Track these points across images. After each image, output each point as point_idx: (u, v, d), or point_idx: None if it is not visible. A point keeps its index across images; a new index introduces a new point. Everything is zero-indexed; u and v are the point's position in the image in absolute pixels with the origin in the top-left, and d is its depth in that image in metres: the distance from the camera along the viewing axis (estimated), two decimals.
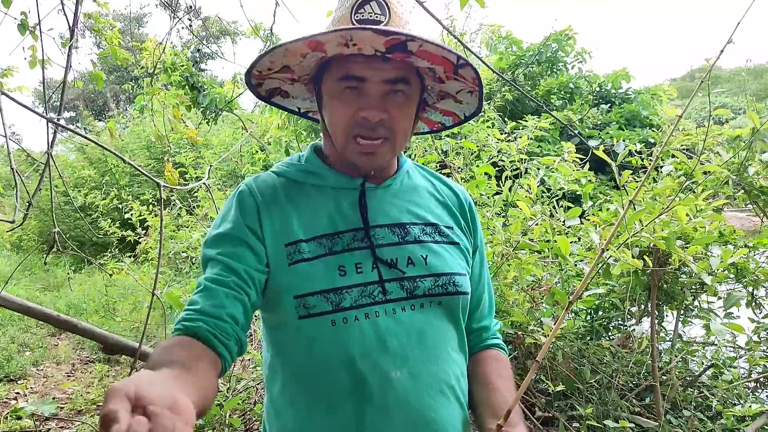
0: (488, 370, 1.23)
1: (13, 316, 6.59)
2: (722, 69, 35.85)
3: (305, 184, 1.16)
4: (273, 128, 6.56)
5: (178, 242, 5.03)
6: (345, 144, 1.08)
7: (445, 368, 1.11)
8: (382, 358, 1.05)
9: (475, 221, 1.29)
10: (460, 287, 1.14)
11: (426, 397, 1.07)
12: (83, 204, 9.56)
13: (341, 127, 1.08)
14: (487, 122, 3.73)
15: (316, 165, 1.18)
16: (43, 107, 2.64)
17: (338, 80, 1.06)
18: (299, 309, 1.04)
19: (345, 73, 1.05)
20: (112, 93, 27.16)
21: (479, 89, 1.14)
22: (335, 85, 1.07)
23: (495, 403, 1.14)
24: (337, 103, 1.08)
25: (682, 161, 2.41)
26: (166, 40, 4.08)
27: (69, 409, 4.17)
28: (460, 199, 1.28)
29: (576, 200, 3.83)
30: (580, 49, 8.16)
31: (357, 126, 1.06)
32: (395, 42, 0.99)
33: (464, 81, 1.14)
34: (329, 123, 1.11)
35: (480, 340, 1.29)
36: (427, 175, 1.31)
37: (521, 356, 2.78)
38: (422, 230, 1.16)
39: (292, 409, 1.10)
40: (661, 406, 2.53)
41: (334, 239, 1.09)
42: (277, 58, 1.11)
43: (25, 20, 2.83)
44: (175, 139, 7.26)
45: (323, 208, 1.13)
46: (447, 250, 1.17)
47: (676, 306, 2.74)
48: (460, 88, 1.17)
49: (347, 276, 1.06)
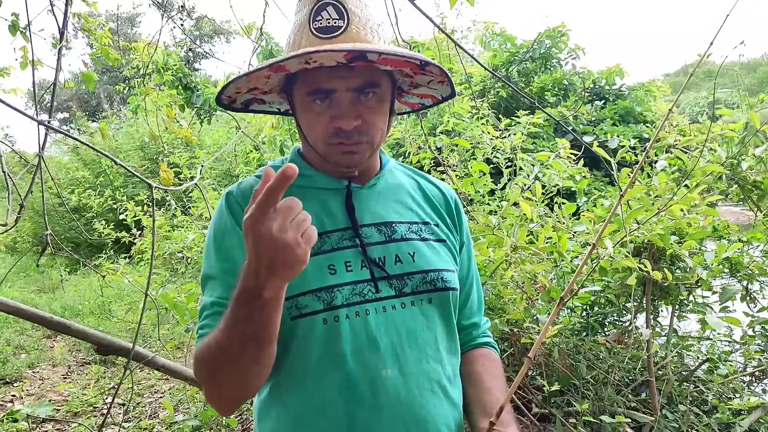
0: (480, 369, 1.23)
1: (8, 318, 6.57)
2: (716, 64, 35.92)
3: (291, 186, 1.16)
4: (267, 127, 6.55)
5: (174, 243, 5.03)
6: (325, 150, 1.10)
7: (435, 366, 1.11)
8: (372, 357, 1.04)
9: (461, 217, 1.29)
10: (448, 283, 1.15)
11: (417, 396, 1.07)
12: (78, 205, 9.53)
13: (319, 138, 1.09)
14: (482, 119, 3.73)
15: (302, 167, 1.17)
16: (37, 109, 2.63)
17: (306, 95, 1.07)
18: (291, 310, 1.04)
19: (314, 87, 1.05)
20: (105, 94, 27.07)
21: (448, 79, 1.14)
22: (304, 99, 1.07)
23: (487, 402, 1.14)
24: (310, 116, 1.08)
25: (676, 156, 2.41)
26: (156, 39, 4.06)
27: (65, 411, 4.16)
28: (445, 196, 1.29)
29: (571, 196, 3.84)
30: (574, 46, 8.17)
31: (333, 135, 1.07)
32: (355, 54, 0.99)
33: (432, 74, 1.14)
34: (306, 133, 1.12)
35: (470, 338, 1.30)
36: (410, 173, 1.31)
37: (517, 353, 2.78)
38: (408, 228, 1.16)
39: (283, 409, 1.09)
40: (657, 401, 2.53)
41: (322, 239, 1.09)
42: (242, 84, 1.12)
43: (16, 21, 2.82)
44: (169, 139, 7.25)
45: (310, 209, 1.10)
46: (434, 247, 1.17)
47: (671, 301, 2.75)
48: (429, 79, 1.18)
49: (337, 274, 1.06)
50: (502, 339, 2.80)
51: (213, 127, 9.98)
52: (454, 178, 3.04)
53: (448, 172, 3.15)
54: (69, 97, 28.05)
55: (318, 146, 1.10)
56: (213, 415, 3.26)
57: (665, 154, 2.64)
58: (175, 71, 5.40)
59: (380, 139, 1.12)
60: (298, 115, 1.13)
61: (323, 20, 1.04)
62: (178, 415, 3.84)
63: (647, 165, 3.13)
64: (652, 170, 3.03)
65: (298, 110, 1.12)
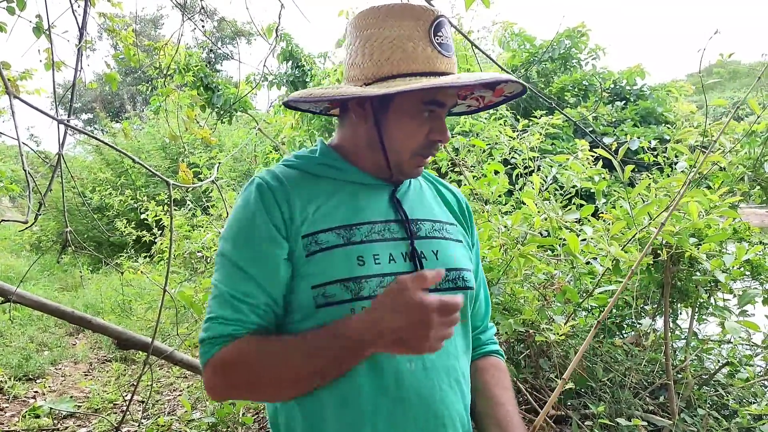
0: (490, 381, 1.25)
1: (32, 315, 6.69)
2: (741, 64, 35.33)
3: (322, 177, 1.17)
4: (287, 128, 6.60)
5: (193, 242, 5.08)
6: (408, 160, 1.14)
7: (454, 363, 1.13)
8: None
9: (471, 220, 1.34)
10: (468, 282, 1.17)
11: (437, 391, 1.08)
12: (100, 204, 9.66)
13: (411, 147, 1.12)
14: (499, 120, 3.72)
15: (335, 159, 1.18)
16: (57, 109, 2.68)
17: (423, 103, 1.09)
18: (318, 298, 1.04)
19: (433, 98, 1.08)
20: (128, 95, 27.43)
21: (517, 95, 1.21)
22: (416, 106, 1.09)
23: (501, 418, 1.17)
24: (412, 124, 1.10)
25: (689, 157, 2.38)
26: (178, 40, 4.10)
27: (86, 408, 4.22)
28: (458, 199, 1.33)
29: (590, 197, 3.81)
30: (594, 46, 8.09)
31: (427, 147, 1.12)
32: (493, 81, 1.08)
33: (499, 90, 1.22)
34: (393, 137, 1.12)
35: (478, 345, 1.32)
36: (426, 176, 1.35)
37: (533, 354, 2.76)
38: (432, 226, 1.18)
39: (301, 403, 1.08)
40: (676, 405, 2.50)
41: (351, 230, 1.09)
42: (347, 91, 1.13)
43: (40, 23, 2.88)
44: (190, 139, 7.32)
45: (341, 201, 1.13)
46: (455, 247, 1.20)
47: (690, 303, 2.71)
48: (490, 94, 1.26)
49: (366, 266, 1.06)
50: (518, 340, 2.79)
51: (233, 128, 10.05)
52: (471, 179, 3.04)
53: (465, 172, 3.14)
54: (93, 98, 28.47)
55: (403, 155, 1.13)
56: (229, 413, 3.29)
57: (684, 156, 2.61)
58: (196, 72, 5.44)
59: None
60: (391, 118, 1.11)
61: (443, 37, 1.09)
62: (196, 413, 3.88)
63: (667, 166, 3.10)
64: (672, 171, 3.00)
65: (395, 113, 1.11)
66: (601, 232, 2.38)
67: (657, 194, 2.48)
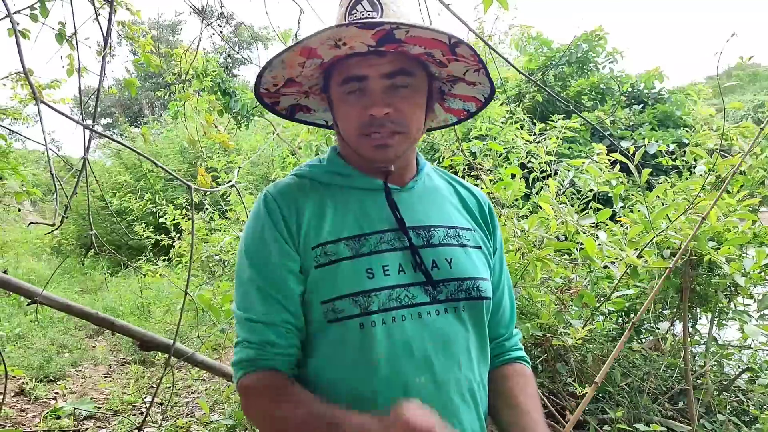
0: (515, 388, 1.20)
1: (53, 318, 6.77)
2: (761, 66, 34.90)
3: (331, 185, 1.16)
4: (304, 132, 6.63)
5: (211, 246, 5.12)
6: (357, 143, 1.10)
7: (467, 374, 1.10)
8: (407, 363, 1.04)
9: (495, 223, 1.28)
10: (483, 292, 1.13)
11: (448, 404, 1.06)
12: (119, 208, 9.76)
13: (352, 129, 1.09)
14: (516, 123, 3.72)
15: (341, 166, 1.18)
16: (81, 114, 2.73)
17: (341, 84, 1.08)
18: (328, 313, 1.04)
19: (345, 75, 1.07)
20: (147, 100, 27.70)
21: (483, 66, 1.13)
22: (339, 89, 1.09)
23: (527, 426, 1.12)
24: (344, 107, 1.09)
25: (708, 162, 2.37)
26: (196, 46, 4.15)
27: (106, 409, 4.27)
28: (479, 201, 1.28)
29: (607, 202, 3.79)
30: (612, 49, 8.05)
31: (365, 125, 1.06)
32: (382, 33, 0.99)
33: (465, 60, 1.12)
34: (342, 128, 1.13)
35: (503, 351, 1.27)
36: (446, 177, 1.30)
37: (550, 359, 2.76)
38: (446, 233, 1.15)
39: None
40: (695, 411, 2.48)
41: (360, 241, 1.08)
42: (278, 71, 1.13)
43: (63, 30, 2.93)
44: (208, 144, 7.39)
45: (349, 209, 1.12)
46: (470, 254, 1.16)
47: (709, 308, 2.69)
48: (465, 68, 1.16)
49: (375, 279, 1.05)
50: (535, 344, 2.78)
51: (251, 132, 10.13)
52: (488, 183, 3.04)
53: (482, 176, 3.15)
54: (112, 103, 28.77)
55: (351, 140, 1.11)
56: None
57: (703, 160, 2.59)
58: (214, 77, 5.50)
59: (416, 132, 1.12)
60: (335, 112, 1.14)
61: (357, 13, 1.07)
62: (214, 415, 3.91)
63: (686, 170, 3.08)
64: (691, 176, 2.98)
65: (335, 107, 1.13)
66: (619, 236, 2.37)
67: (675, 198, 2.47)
